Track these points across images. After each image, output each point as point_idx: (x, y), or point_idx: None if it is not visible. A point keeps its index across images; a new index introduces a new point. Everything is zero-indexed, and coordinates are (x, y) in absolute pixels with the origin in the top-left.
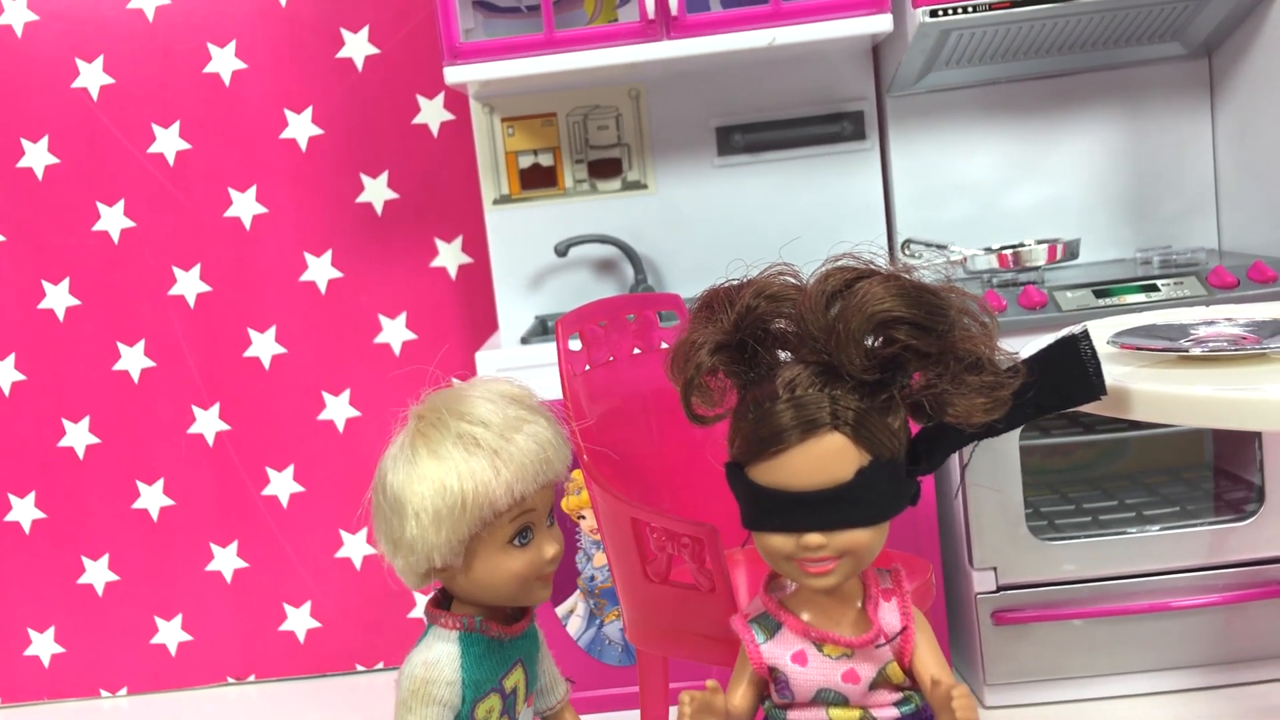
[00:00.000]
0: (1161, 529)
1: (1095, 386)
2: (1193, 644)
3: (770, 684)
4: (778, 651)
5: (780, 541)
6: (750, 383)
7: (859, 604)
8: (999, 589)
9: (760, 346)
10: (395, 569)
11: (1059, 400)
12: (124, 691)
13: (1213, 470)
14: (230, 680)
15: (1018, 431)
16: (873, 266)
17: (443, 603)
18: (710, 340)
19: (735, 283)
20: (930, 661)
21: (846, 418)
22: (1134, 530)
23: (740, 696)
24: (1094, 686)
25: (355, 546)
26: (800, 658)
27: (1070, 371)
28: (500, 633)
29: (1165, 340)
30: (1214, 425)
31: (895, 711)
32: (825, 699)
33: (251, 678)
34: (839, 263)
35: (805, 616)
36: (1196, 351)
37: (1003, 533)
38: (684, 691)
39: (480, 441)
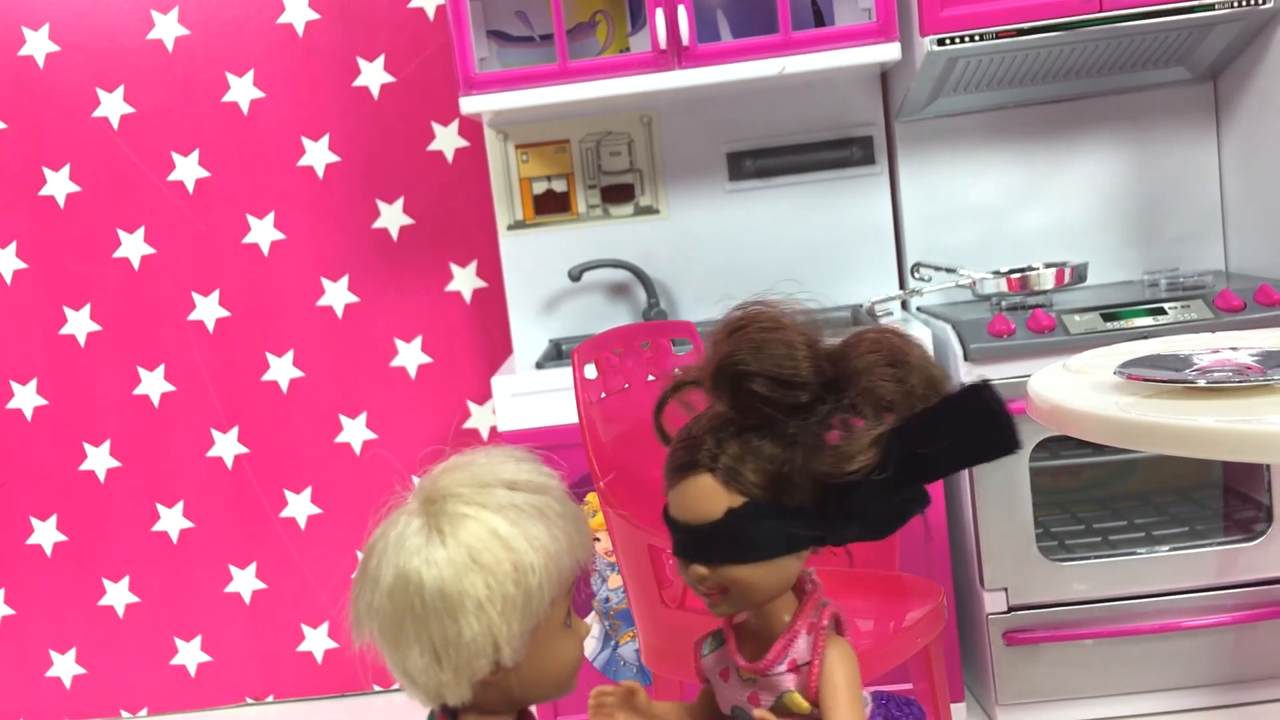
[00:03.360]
0: (1171, 549)
1: (1008, 440)
2: (1202, 664)
3: None
4: (712, 665)
5: (680, 567)
6: None
7: (779, 634)
8: (1010, 609)
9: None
10: (430, 688)
11: (971, 454)
12: (144, 712)
13: (1222, 490)
14: (249, 700)
15: (1027, 452)
16: (761, 312)
17: (452, 714)
18: (696, 373)
19: (741, 313)
20: (843, 706)
21: (720, 461)
22: (1144, 550)
23: (702, 700)
24: (1105, 706)
25: None
26: (724, 675)
27: (978, 425)
28: None
29: (1170, 371)
30: (1218, 457)
31: None
32: (739, 716)
33: (270, 698)
34: (750, 307)
35: (736, 638)
36: (1201, 383)
37: (1013, 554)
38: (595, 688)
39: (532, 507)
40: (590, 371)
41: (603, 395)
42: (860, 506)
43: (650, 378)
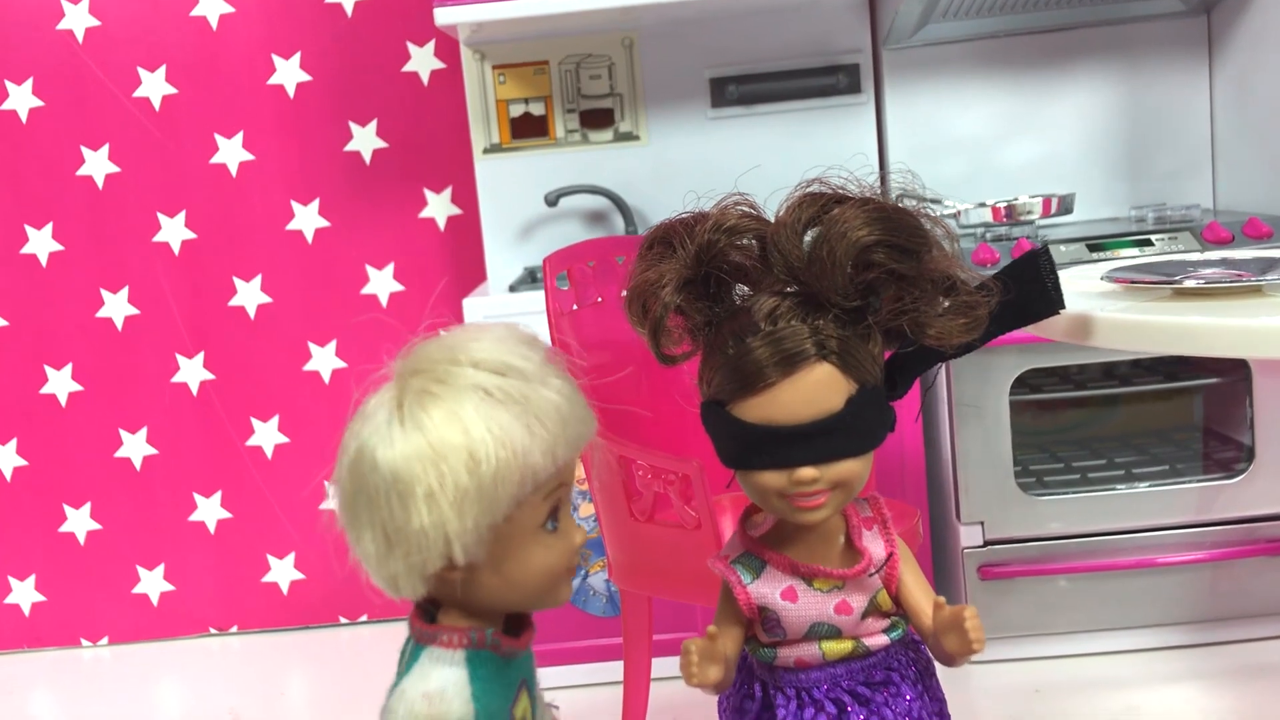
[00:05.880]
0: (1150, 486)
1: (1054, 301)
2: (1179, 601)
3: (757, 624)
4: (766, 590)
5: (771, 479)
6: (714, 319)
7: (842, 536)
8: (986, 544)
9: (724, 279)
10: (384, 576)
11: (1021, 316)
12: (105, 641)
13: (1202, 431)
14: (212, 631)
15: (1007, 385)
16: (844, 191)
17: (428, 613)
18: (674, 277)
19: (688, 216)
20: (918, 586)
21: (832, 346)
22: (1122, 487)
23: (727, 639)
24: (1079, 642)
25: None
26: (790, 594)
27: (1032, 287)
28: (511, 648)
29: (1160, 274)
30: (1207, 353)
31: (885, 639)
32: (818, 633)
33: (234, 629)
34: (809, 189)
35: (791, 552)
36: (1190, 284)
37: (991, 487)
38: (687, 640)
39: (505, 393)
40: (563, 283)
41: (574, 307)
42: (912, 379)
43: (625, 293)
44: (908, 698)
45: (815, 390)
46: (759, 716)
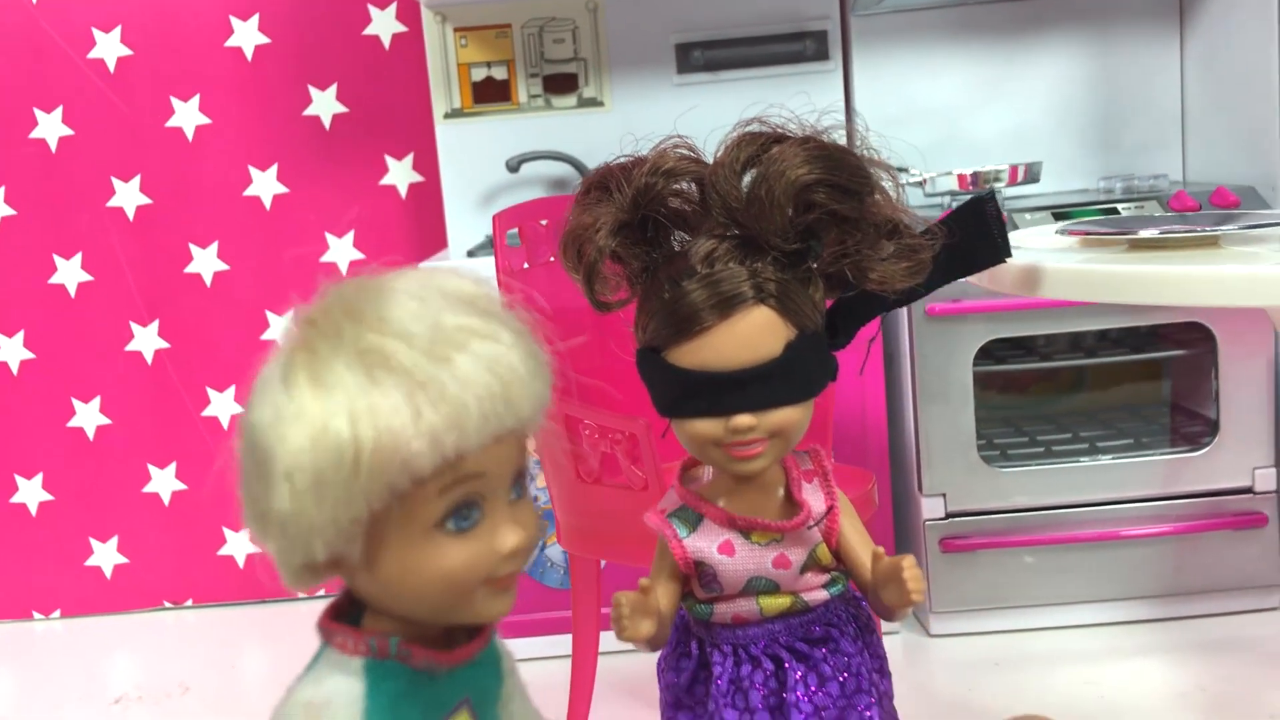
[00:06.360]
0: (1114, 458)
1: (1000, 248)
2: (1142, 575)
3: (694, 579)
4: (702, 544)
5: (707, 427)
6: (652, 265)
7: (781, 488)
8: (948, 516)
9: (663, 223)
10: (270, 556)
11: (966, 263)
12: (57, 614)
13: (1169, 407)
14: (167, 604)
15: (970, 355)
16: (784, 131)
17: (347, 611)
18: (610, 221)
19: (627, 160)
20: (858, 540)
21: (770, 289)
22: (1086, 460)
23: (662, 595)
24: (1041, 616)
25: None
26: (727, 548)
27: (977, 234)
28: (430, 662)
29: (1116, 227)
30: (1157, 301)
31: (825, 594)
32: (756, 587)
33: (189, 602)
34: (748, 128)
35: (729, 505)
36: (1145, 234)
37: (953, 459)
38: (617, 593)
39: (394, 363)
40: (514, 241)
41: (525, 266)
42: (856, 327)
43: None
44: (847, 654)
45: (752, 334)
46: (695, 674)
